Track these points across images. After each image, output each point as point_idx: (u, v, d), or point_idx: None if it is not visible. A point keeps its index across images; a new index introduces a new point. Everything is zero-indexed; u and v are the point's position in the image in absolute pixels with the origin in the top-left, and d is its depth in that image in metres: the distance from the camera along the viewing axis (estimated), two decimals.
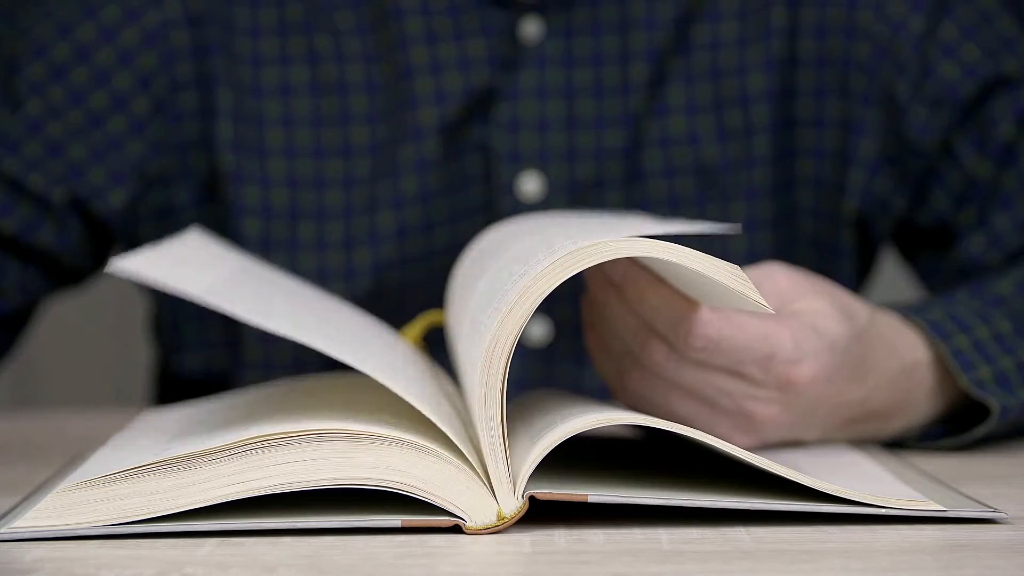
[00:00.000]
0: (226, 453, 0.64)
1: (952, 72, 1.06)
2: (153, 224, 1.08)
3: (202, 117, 1.07)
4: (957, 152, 1.07)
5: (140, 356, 1.70)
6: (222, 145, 1.07)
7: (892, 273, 1.46)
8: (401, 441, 0.64)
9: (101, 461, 0.72)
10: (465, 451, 0.65)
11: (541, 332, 1.08)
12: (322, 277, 1.07)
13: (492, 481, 0.64)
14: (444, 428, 0.65)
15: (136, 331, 1.72)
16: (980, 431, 0.89)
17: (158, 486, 0.64)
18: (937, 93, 1.06)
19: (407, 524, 0.64)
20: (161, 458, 0.64)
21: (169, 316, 1.11)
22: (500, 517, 0.64)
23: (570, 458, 0.68)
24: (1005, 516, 0.66)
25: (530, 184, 1.07)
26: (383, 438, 0.64)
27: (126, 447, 0.75)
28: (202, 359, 1.11)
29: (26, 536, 0.63)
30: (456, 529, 0.64)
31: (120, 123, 1.06)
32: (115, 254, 1.12)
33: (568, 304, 1.05)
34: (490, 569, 0.60)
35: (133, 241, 1.09)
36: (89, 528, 0.63)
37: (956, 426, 0.91)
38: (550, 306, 1.07)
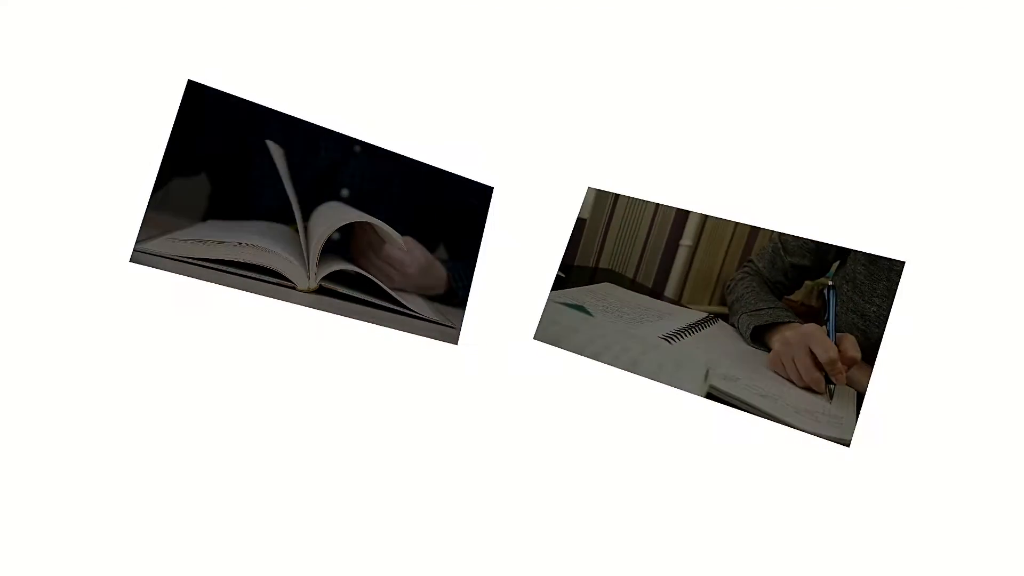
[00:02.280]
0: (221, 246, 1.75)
1: None
2: None
3: None
4: None
5: None
6: None
7: None
8: (278, 255, 1.77)
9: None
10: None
11: None
12: None
13: (309, 271, 1.76)
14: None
15: None
16: None
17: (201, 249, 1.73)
18: None
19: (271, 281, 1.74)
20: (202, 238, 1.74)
21: None
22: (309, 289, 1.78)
23: None
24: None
25: None
26: (271, 252, 1.77)
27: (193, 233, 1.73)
28: None
29: (153, 252, 1.71)
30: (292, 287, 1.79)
31: None
32: None
33: None
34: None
35: None
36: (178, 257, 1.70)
37: None
38: None
